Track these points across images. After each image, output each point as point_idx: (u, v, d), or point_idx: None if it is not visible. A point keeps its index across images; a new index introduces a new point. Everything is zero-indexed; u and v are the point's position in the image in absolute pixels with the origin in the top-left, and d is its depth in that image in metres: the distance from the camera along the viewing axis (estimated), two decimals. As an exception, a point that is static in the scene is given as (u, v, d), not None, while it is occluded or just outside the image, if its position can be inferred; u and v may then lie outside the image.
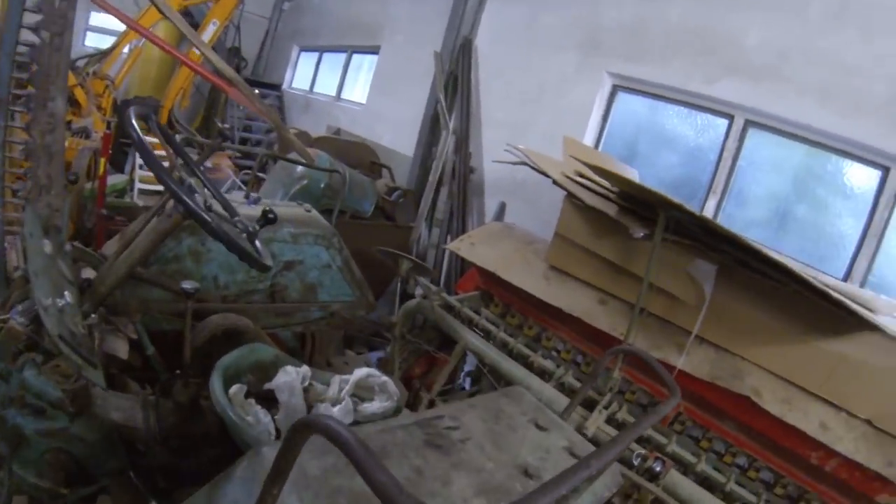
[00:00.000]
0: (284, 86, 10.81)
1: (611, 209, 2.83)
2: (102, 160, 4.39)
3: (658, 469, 2.38)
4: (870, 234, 3.91)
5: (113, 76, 7.59)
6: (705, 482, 2.56)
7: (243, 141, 9.44)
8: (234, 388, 1.68)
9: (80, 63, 7.27)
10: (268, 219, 1.94)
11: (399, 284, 4.59)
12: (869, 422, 2.45)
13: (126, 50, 7.86)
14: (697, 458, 2.56)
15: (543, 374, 2.92)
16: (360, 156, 5.93)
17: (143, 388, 1.98)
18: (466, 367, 3.71)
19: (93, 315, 1.81)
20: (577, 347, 3.02)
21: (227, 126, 2.41)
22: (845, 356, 2.47)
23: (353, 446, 0.78)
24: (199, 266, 2.37)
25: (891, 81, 3.67)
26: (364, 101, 7.95)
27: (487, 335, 3.15)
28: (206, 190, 2.03)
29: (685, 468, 2.59)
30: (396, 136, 6.67)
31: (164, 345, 2.14)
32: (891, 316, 2.81)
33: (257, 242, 1.95)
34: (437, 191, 5.51)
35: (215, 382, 1.65)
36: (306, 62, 10.66)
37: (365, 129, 7.36)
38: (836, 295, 2.22)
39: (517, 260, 3.21)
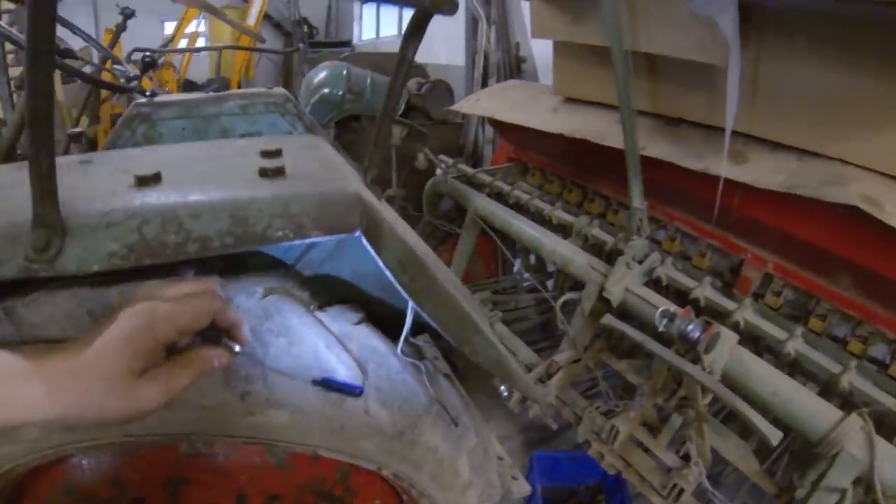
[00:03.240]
0: (354, 40, 10.68)
1: None
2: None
3: (697, 335, 1.53)
4: None
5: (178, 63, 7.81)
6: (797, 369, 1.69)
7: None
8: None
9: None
10: (145, 63, 2.41)
11: (393, 153, 4.10)
12: None
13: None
14: (790, 333, 1.65)
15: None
16: (398, 63, 5.73)
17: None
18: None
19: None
20: (618, 199, 2.45)
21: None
22: None
23: None
24: None
25: None
26: (420, 29, 7.59)
27: (523, 209, 2.60)
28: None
29: (761, 346, 1.76)
30: (450, 50, 6.34)
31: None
32: None
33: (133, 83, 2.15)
34: (484, 84, 4.95)
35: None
36: (369, 13, 10.45)
37: (423, 54, 6.97)
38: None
39: (523, 102, 2.68)
